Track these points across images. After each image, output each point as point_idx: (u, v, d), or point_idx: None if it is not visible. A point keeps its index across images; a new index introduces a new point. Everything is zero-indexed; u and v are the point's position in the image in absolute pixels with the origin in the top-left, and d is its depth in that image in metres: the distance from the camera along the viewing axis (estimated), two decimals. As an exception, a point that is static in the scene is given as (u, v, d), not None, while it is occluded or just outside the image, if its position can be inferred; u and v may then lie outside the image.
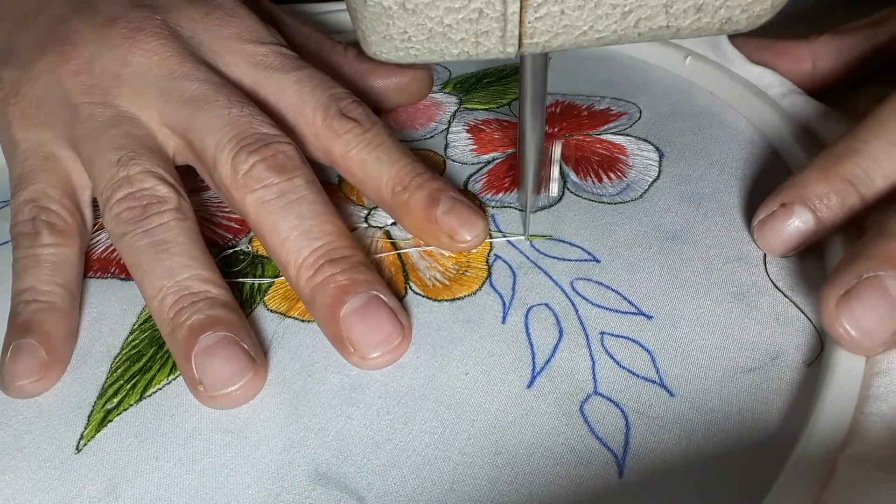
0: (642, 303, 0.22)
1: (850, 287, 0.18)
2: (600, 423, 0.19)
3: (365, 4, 0.17)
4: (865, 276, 0.18)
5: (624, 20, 0.17)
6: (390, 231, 0.26)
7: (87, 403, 0.22)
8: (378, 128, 0.25)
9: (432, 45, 0.17)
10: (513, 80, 0.35)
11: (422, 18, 0.17)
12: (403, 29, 0.17)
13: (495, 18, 0.17)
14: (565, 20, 0.17)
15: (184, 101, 0.24)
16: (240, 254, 0.26)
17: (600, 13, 0.17)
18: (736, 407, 0.19)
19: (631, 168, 0.28)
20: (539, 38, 0.17)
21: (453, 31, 0.17)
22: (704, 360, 0.21)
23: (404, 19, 0.17)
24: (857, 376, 0.19)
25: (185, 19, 0.26)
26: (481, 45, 0.17)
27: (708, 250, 0.24)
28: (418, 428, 0.20)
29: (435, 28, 0.17)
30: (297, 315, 0.23)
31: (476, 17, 0.17)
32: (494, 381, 0.21)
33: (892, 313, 0.18)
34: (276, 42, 0.27)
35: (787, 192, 0.22)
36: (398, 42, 0.17)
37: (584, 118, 0.31)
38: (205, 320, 0.21)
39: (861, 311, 0.18)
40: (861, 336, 0.18)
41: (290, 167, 0.23)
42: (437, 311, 0.23)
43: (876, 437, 0.17)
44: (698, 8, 0.17)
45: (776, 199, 0.23)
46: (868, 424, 0.17)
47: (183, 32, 0.26)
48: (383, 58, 0.18)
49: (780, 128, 0.28)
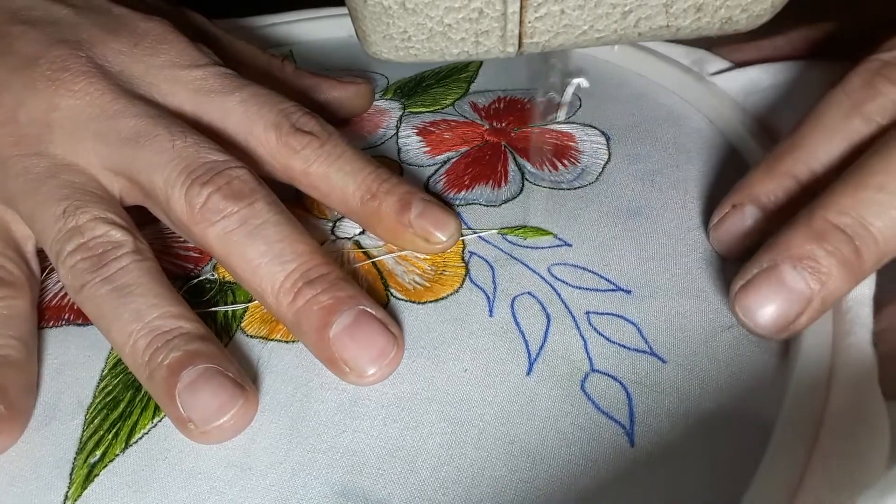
0: (619, 279, 0.23)
1: (750, 277, 0.20)
2: (603, 398, 0.20)
3: (365, 4, 0.17)
4: (765, 266, 0.19)
5: (624, 20, 0.17)
6: (360, 241, 0.26)
7: (66, 461, 0.20)
8: (335, 138, 0.25)
9: (432, 44, 0.17)
10: (453, 82, 0.35)
11: (422, 18, 0.17)
12: (403, 28, 0.17)
13: (495, 18, 0.17)
14: (565, 20, 0.17)
15: (122, 141, 0.23)
16: (206, 283, 0.25)
17: (600, 13, 0.17)
18: (724, 363, 0.20)
19: (583, 153, 0.29)
20: (539, 37, 0.17)
21: (453, 31, 0.17)
22: (686, 324, 0.22)
23: (404, 19, 0.17)
24: (827, 314, 0.20)
25: (112, 53, 0.24)
26: (481, 44, 0.18)
27: (668, 223, 0.25)
28: (428, 430, 0.20)
29: (435, 28, 0.17)
30: (280, 337, 0.23)
31: (476, 16, 0.17)
32: (494, 374, 0.21)
33: (788, 302, 0.19)
34: (212, 62, 0.26)
35: (736, 193, 0.23)
36: (398, 41, 0.17)
37: (528, 111, 0.32)
38: (182, 356, 0.20)
39: (756, 300, 0.19)
40: (754, 325, 0.20)
41: (247, 192, 0.22)
42: (422, 313, 0.23)
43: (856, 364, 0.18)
44: (698, 7, 0.17)
45: (727, 201, 0.23)
46: (849, 355, 0.19)
47: (112, 67, 0.24)
48: (384, 57, 0.18)
49: (712, 101, 0.30)
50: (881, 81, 0.20)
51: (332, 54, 0.39)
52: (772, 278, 0.19)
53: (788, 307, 0.19)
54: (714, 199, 0.25)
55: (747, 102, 0.30)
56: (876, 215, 0.19)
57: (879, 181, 0.19)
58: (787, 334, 0.20)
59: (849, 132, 0.21)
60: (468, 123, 0.32)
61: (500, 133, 0.31)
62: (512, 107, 0.33)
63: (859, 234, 0.19)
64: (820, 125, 0.21)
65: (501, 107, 0.33)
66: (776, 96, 0.30)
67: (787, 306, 0.19)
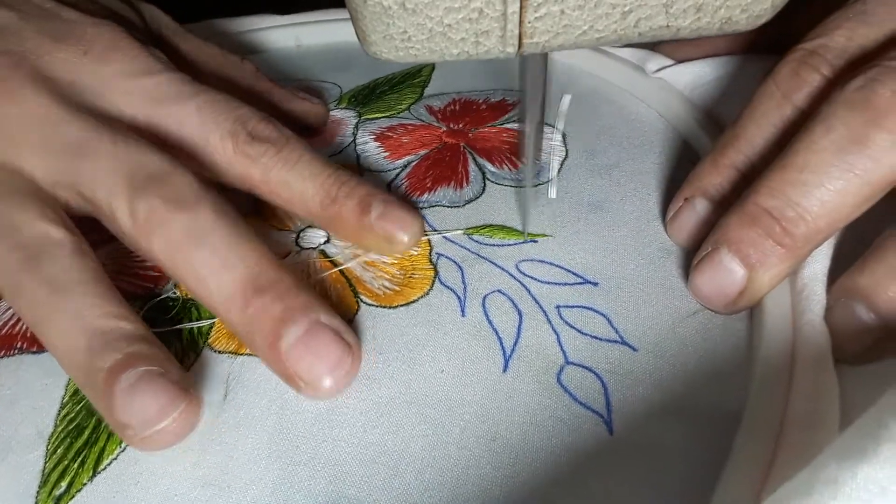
0: (586, 272, 0.24)
1: (696, 262, 0.22)
2: (580, 389, 0.20)
3: (365, 4, 0.16)
4: (708, 250, 0.21)
5: (624, 20, 0.17)
6: (325, 249, 0.26)
7: (29, 495, 0.19)
8: (293, 142, 0.24)
9: (432, 44, 0.17)
10: (406, 87, 0.35)
11: (422, 18, 0.17)
12: (403, 28, 0.17)
13: (495, 18, 0.17)
14: (565, 20, 0.17)
15: (65, 152, 0.22)
16: (168, 301, 0.24)
17: (600, 13, 0.17)
18: (692, 348, 0.21)
19: (541, 151, 0.29)
20: (539, 37, 0.17)
21: (453, 31, 0.17)
22: (653, 313, 0.22)
23: (404, 19, 0.17)
24: (786, 294, 0.21)
25: (59, 63, 0.23)
26: (481, 44, 0.17)
27: (628, 215, 0.26)
28: (409, 433, 0.19)
29: (435, 28, 0.17)
30: (250, 351, 0.22)
31: (476, 16, 0.17)
32: (471, 373, 0.21)
33: (729, 282, 0.21)
34: (165, 69, 0.25)
35: (687, 187, 0.24)
36: (398, 42, 0.17)
37: (483, 111, 0.32)
38: (122, 359, 0.19)
39: (701, 282, 0.22)
40: (706, 304, 0.22)
41: (191, 199, 0.21)
42: (394, 317, 0.23)
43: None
44: (698, 7, 0.17)
45: (680, 195, 0.24)
46: (806, 332, 0.19)
47: (61, 78, 0.23)
48: (384, 57, 0.17)
49: (661, 95, 0.31)
50: (806, 70, 0.21)
51: (282, 64, 0.39)
52: (714, 261, 0.21)
53: (730, 286, 0.21)
54: (670, 190, 0.26)
55: (694, 95, 0.31)
56: (802, 195, 0.19)
57: (803, 161, 0.19)
58: (737, 310, 0.21)
59: (781, 121, 0.22)
60: (425, 126, 0.32)
61: (458, 134, 0.31)
62: (468, 108, 0.33)
63: (787, 215, 0.20)
64: (755, 116, 0.22)
65: (457, 108, 0.33)
66: (721, 88, 0.31)
67: (729, 286, 0.21)
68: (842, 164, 0.19)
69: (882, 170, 0.18)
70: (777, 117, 0.22)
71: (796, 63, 0.22)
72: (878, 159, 0.18)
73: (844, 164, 0.19)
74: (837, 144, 0.19)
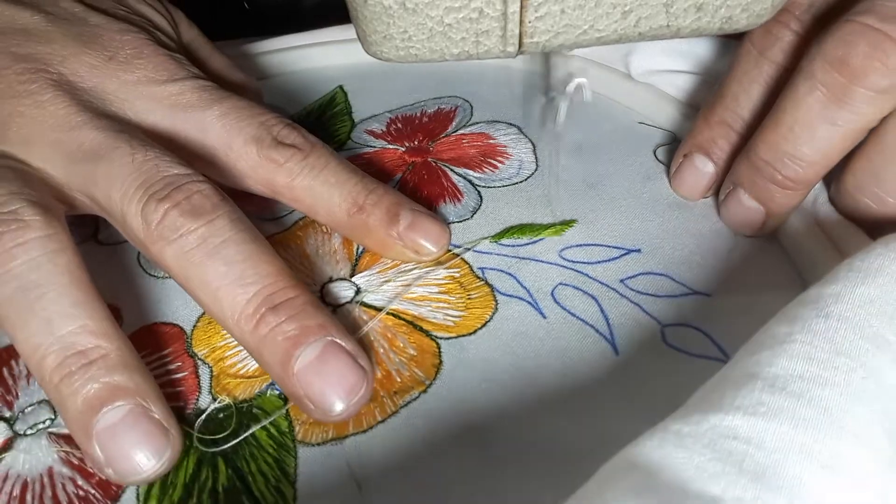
0: (624, 242, 0.25)
1: (724, 197, 0.25)
2: (691, 345, 0.21)
3: (365, 4, 0.16)
4: (731, 188, 0.25)
5: (624, 19, 0.17)
6: (362, 300, 0.24)
7: None
8: (319, 149, 0.24)
9: (433, 44, 0.17)
10: (333, 118, 0.33)
11: (422, 18, 0.16)
12: (404, 28, 0.17)
13: (495, 18, 0.17)
14: (565, 19, 0.17)
15: (82, 154, 0.21)
16: (215, 413, 0.21)
17: (600, 12, 0.17)
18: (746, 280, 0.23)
19: (510, 147, 0.30)
20: (539, 37, 0.17)
21: (453, 31, 0.17)
22: (700, 260, 0.24)
23: (404, 19, 0.16)
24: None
25: (84, 68, 0.23)
26: (481, 44, 0.17)
27: (627, 184, 0.28)
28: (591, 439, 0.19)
29: (435, 27, 0.17)
30: (354, 429, 0.20)
31: (476, 16, 0.17)
32: (595, 368, 0.21)
33: (749, 216, 0.24)
34: (189, 75, 0.24)
35: (685, 144, 0.27)
36: (398, 41, 0.17)
37: (427, 123, 0.32)
38: (102, 390, 0.18)
39: (728, 215, 0.25)
40: (738, 231, 0.25)
41: (207, 208, 0.20)
42: (482, 342, 0.22)
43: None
44: (699, 7, 0.17)
45: (679, 152, 0.27)
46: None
47: (84, 83, 0.23)
48: (384, 57, 0.17)
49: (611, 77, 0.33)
50: (776, 27, 0.24)
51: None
52: (735, 199, 0.25)
53: (754, 218, 0.24)
54: (658, 154, 0.29)
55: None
56: (794, 147, 0.22)
57: (791, 118, 0.22)
58: (766, 233, 0.25)
59: (760, 76, 0.25)
60: (381, 151, 0.30)
61: (420, 151, 0.30)
62: (410, 123, 0.32)
63: (785, 163, 0.23)
64: (737, 75, 0.25)
65: (400, 126, 0.32)
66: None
67: (752, 218, 0.24)
68: (826, 119, 0.21)
69: (862, 120, 0.21)
70: (756, 73, 0.25)
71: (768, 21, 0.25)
72: (857, 112, 0.21)
73: (828, 119, 0.21)
74: (821, 102, 0.21)
